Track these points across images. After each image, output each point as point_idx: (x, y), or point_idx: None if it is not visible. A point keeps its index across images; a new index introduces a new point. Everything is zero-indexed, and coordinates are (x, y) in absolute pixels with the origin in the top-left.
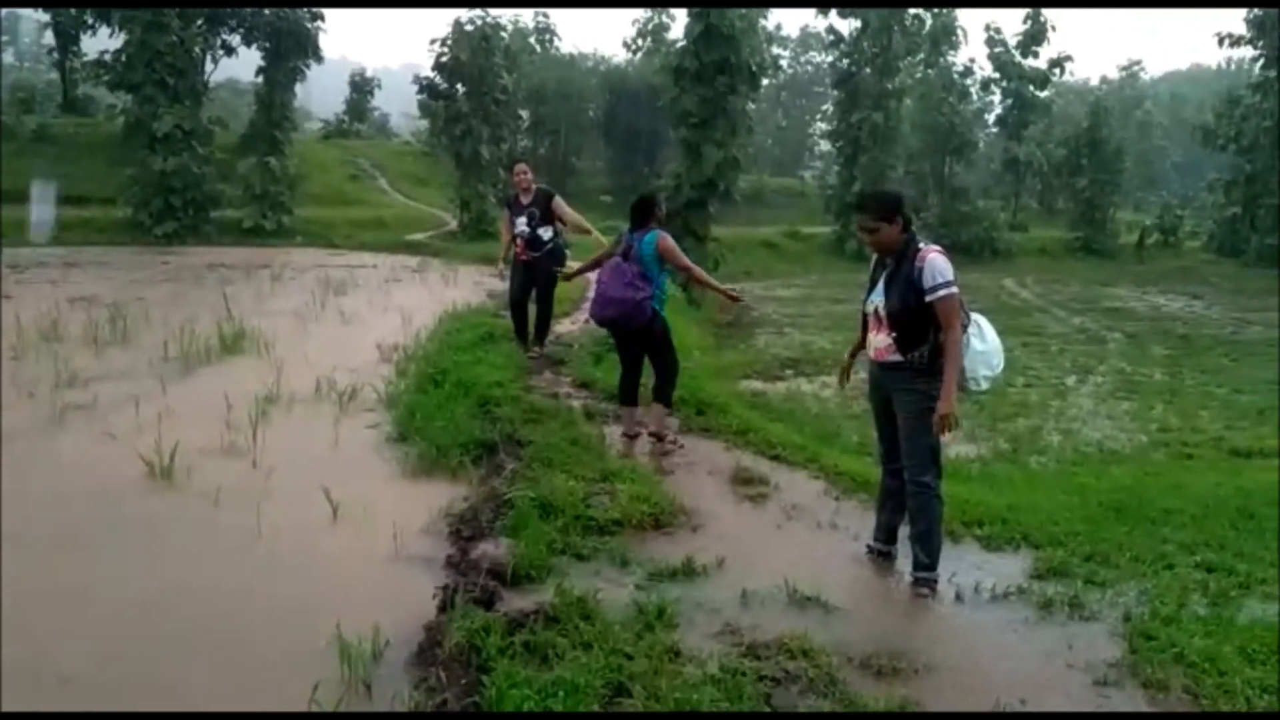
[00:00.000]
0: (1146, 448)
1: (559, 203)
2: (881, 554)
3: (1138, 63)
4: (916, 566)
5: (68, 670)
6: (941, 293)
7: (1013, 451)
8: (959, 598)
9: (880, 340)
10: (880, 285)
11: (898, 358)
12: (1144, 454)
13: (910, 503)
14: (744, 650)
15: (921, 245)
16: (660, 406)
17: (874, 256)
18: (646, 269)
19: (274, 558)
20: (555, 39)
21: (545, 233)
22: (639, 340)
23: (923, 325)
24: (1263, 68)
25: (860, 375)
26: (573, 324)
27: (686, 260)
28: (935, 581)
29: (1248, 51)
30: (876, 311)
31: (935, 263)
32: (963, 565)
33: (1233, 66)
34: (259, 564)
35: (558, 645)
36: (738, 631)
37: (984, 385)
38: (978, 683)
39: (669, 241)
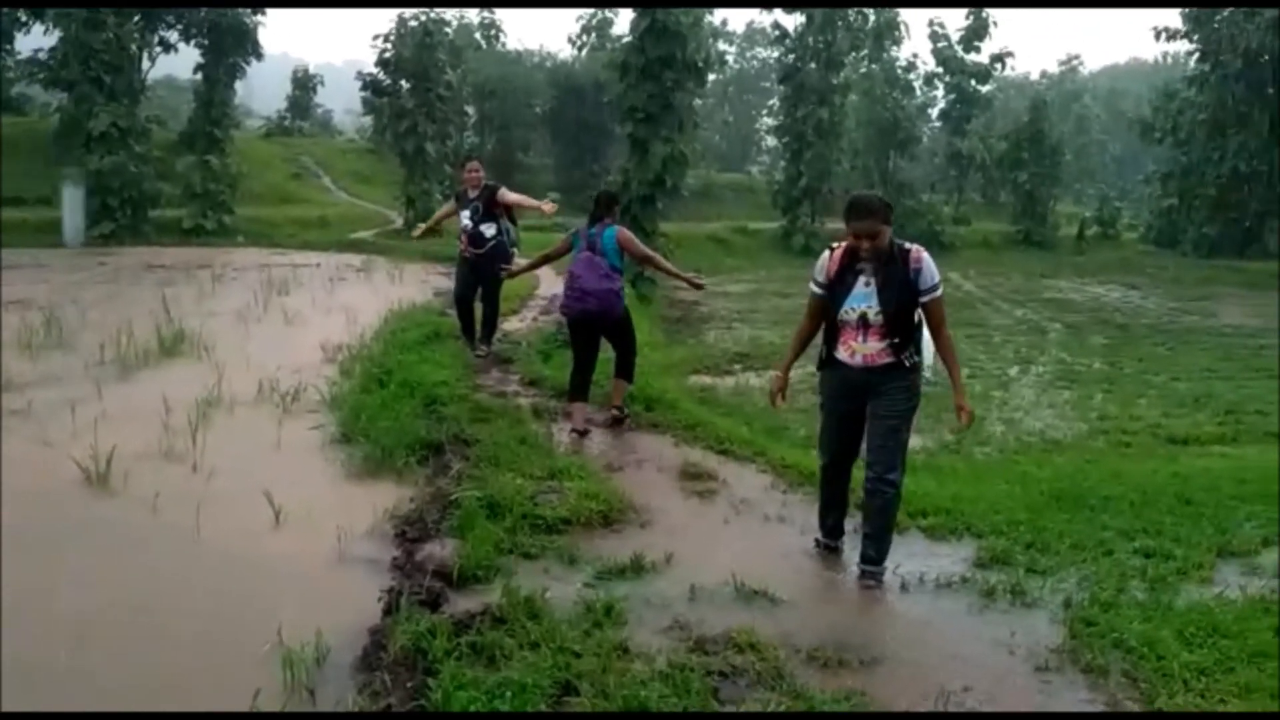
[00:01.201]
0: (1086, 436)
1: (503, 192)
2: (830, 549)
3: (1076, 57)
4: (865, 560)
5: None
6: (937, 293)
7: (957, 442)
8: (904, 588)
9: (871, 345)
10: (868, 290)
11: (891, 360)
12: (1084, 442)
13: (873, 501)
14: (692, 645)
15: (907, 245)
16: (624, 381)
17: (835, 260)
18: (611, 262)
19: (214, 563)
20: (500, 35)
21: (488, 229)
22: (610, 331)
23: (911, 325)
24: (1198, 61)
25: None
26: (521, 321)
27: (647, 250)
28: (882, 574)
29: (1184, 45)
30: (864, 318)
31: (930, 263)
32: (908, 556)
33: (1169, 60)
34: (199, 570)
35: (505, 645)
36: (686, 627)
37: (933, 376)
38: (922, 672)
39: (628, 234)
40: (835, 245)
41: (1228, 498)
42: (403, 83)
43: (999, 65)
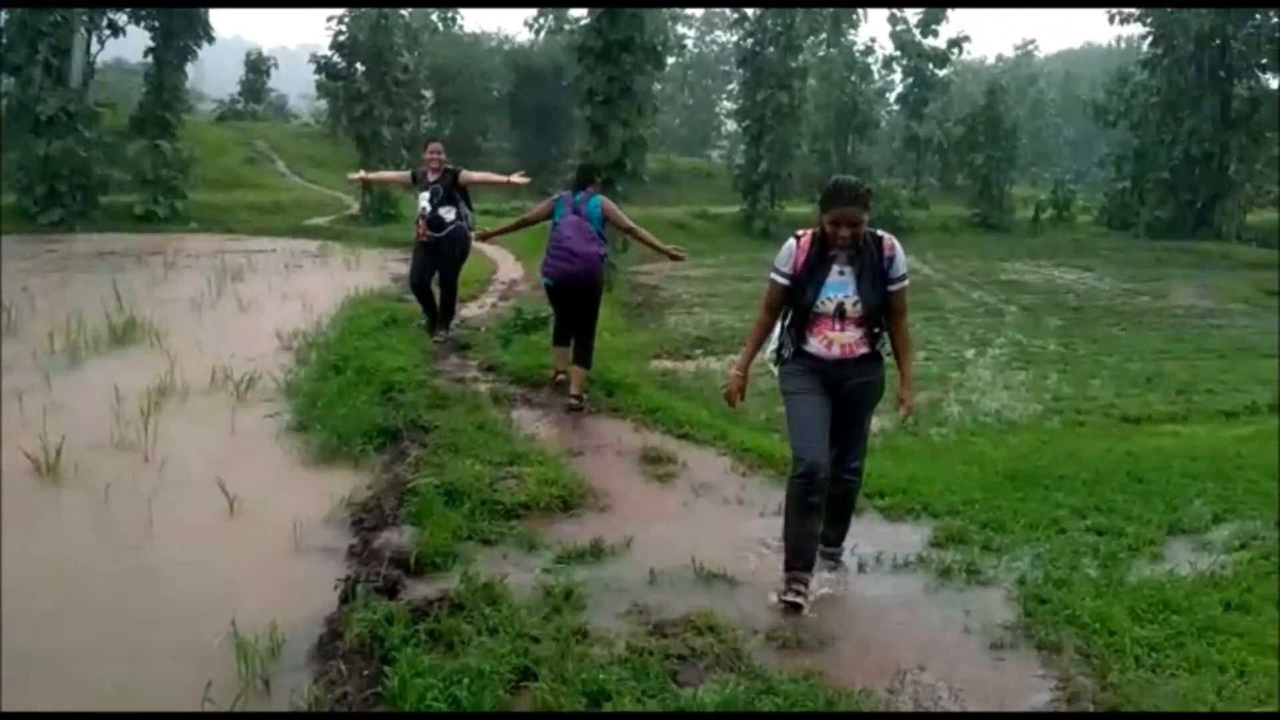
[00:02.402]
0: (1041, 416)
1: (466, 174)
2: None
3: (1032, 41)
4: (824, 541)
5: None
6: (905, 282)
7: (914, 423)
8: (861, 568)
9: (849, 335)
10: (844, 280)
11: (866, 350)
12: (1039, 422)
13: (839, 488)
14: (651, 629)
15: (879, 233)
16: (583, 369)
17: (803, 249)
18: (596, 228)
19: (167, 554)
20: (458, 17)
21: (447, 214)
22: (585, 299)
23: (885, 314)
24: (1151, 45)
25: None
26: (480, 307)
27: (630, 221)
28: (840, 554)
29: (1137, 29)
30: (841, 308)
31: (901, 251)
32: (865, 536)
33: (1123, 44)
34: (151, 560)
35: (463, 632)
36: (645, 611)
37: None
38: (879, 652)
39: (612, 204)
40: (801, 233)
41: (1178, 475)
42: (358, 66)
43: (956, 50)
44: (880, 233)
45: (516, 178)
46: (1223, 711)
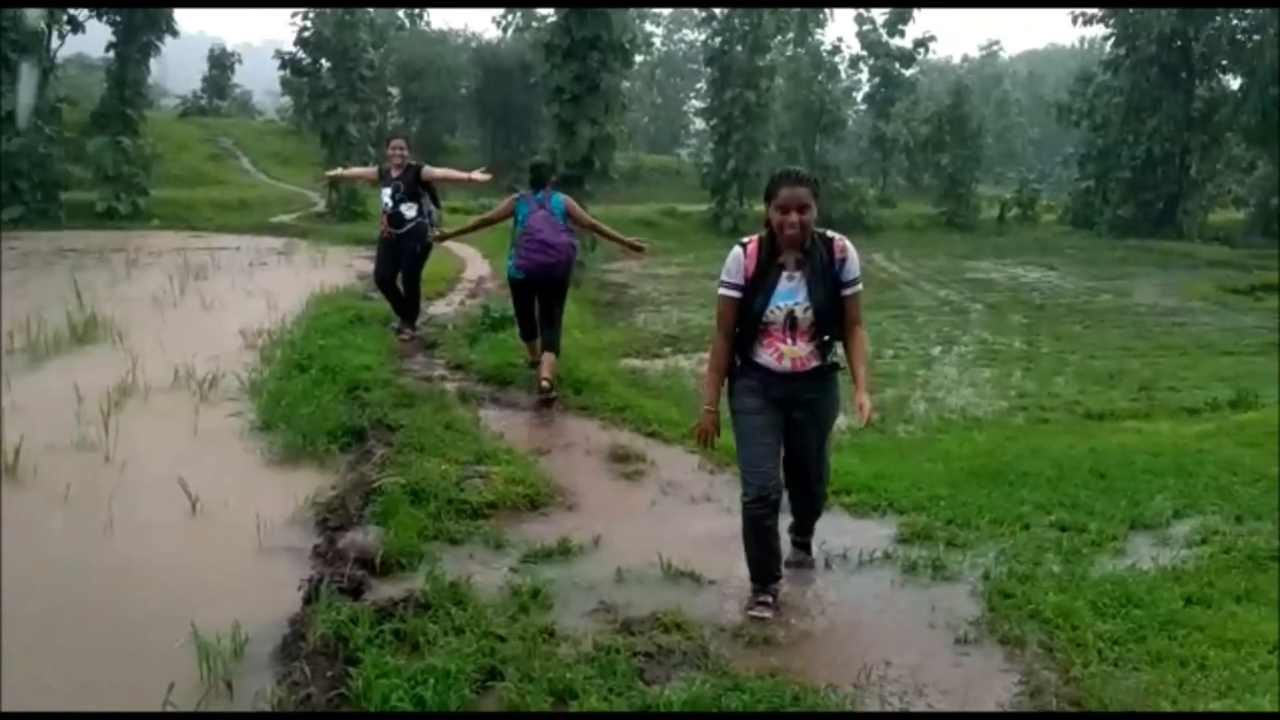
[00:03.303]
0: (1006, 413)
1: (428, 170)
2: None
3: (997, 42)
4: (795, 532)
5: None
6: (859, 286)
7: (881, 420)
8: (828, 565)
9: (800, 348)
10: (793, 285)
11: (819, 363)
12: (1004, 419)
13: (810, 508)
14: (619, 627)
15: (830, 234)
16: (554, 355)
17: (750, 256)
18: (562, 224)
19: (128, 555)
20: (424, 14)
21: (409, 210)
22: (558, 288)
23: (838, 322)
24: (1114, 46)
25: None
26: (447, 305)
27: (591, 218)
28: (809, 542)
29: (1100, 30)
30: (792, 316)
31: (855, 253)
32: (832, 533)
33: (1086, 45)
34: (112, 562)
35: (429, 632)
36: (613, 609)
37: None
38: (845, 648)
39: (572, 201)
40: (746, 240)
41: (1140, 471)
42: (323, 62)
43: (922, 50)
44: (831, 234)
45: (478, 174)
46: (1224, 712)
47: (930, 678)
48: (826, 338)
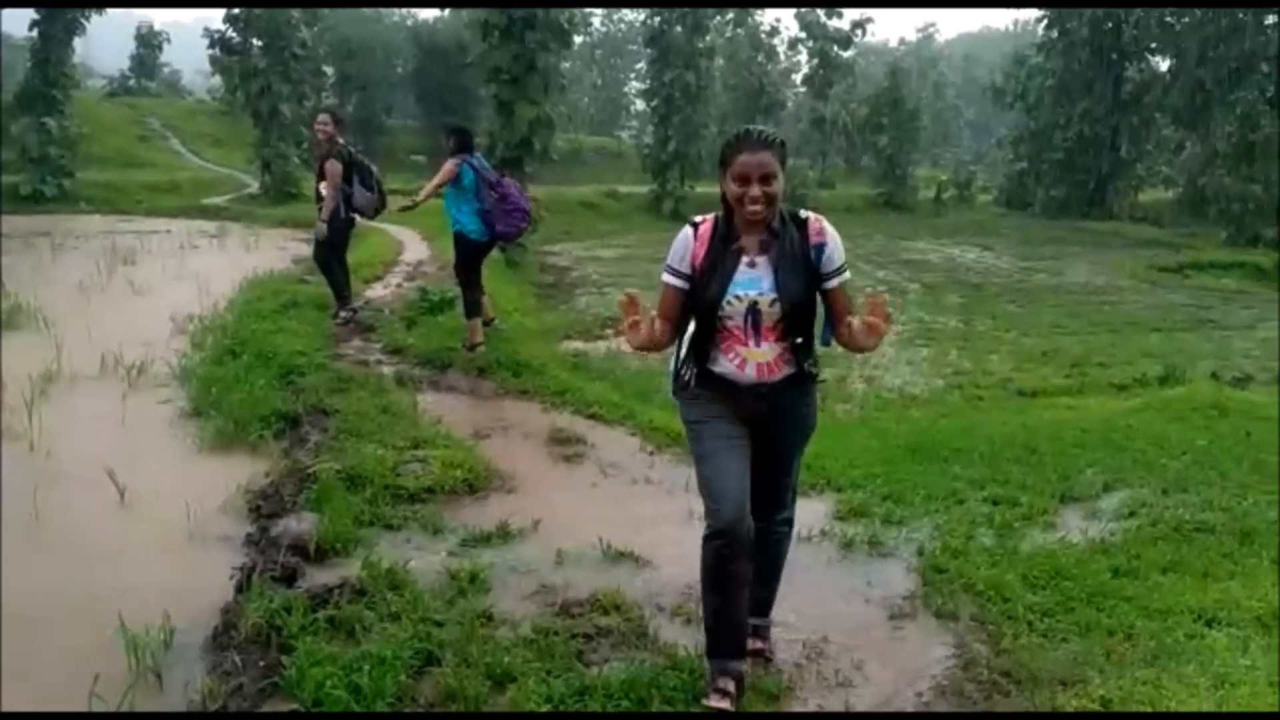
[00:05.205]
0: (942, 391)
1: (328, 166)
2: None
3: (932, 25)
4: (751, 612)
5: None
6: (845, 274)
7: (821, 400)
8: None
9: (766, 351)
10: (757, 274)
11: (791, 370)
12: (940, 397)
13: (767, 539)
14: (558, 609)
15: (803, 213)
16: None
17: (701, 239)
18: None
19: (54, 546)
20: None
21: (323, 188)
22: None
23: (813, 320)
24: (1046, 29)
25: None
26: (385, 288)
27: None
28: (769, 626)
29: (1033, 13)
30: (754, 309)
31: (836, 235)
32: None
33: (1019, 28)
34: (37, 554)
35: (365, 619)
36: (552, 591)
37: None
38: (783, 625)
39: None
40: (699, 219)
41: (1071, 446)
42: (254, 41)
43: (859, 31)
44: (805, 213)
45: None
46: (1223, 712)
47: (867, 653)
48: (799, 339)
